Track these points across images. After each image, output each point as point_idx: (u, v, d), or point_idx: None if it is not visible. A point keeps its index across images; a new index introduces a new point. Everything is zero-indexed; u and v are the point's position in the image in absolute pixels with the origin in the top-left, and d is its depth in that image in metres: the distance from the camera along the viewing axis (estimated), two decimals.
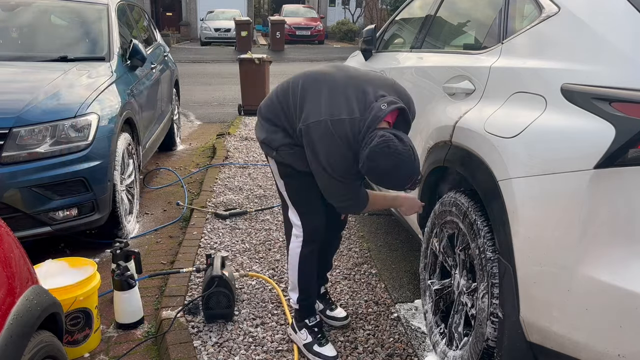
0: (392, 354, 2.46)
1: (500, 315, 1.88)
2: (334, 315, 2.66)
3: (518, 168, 1.80)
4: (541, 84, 1.85)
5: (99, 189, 3.20)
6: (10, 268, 1.48)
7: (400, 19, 3.82)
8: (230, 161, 5.50)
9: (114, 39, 4.18)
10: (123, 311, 2.66)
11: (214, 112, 8.84)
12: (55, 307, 1.68)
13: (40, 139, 3.01)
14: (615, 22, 1.72)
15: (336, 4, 29.74)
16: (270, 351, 2.46)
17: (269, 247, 3.55)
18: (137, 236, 3.79)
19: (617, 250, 1.55)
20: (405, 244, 3.63)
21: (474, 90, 2.25)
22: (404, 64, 3.23)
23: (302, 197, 2.30)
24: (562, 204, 1.65)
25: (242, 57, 8.19)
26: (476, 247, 2.02)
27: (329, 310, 2.67)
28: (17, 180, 2.91)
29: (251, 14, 28.47)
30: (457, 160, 2.21)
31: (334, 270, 3.22)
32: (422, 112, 2.71)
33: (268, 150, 2.27)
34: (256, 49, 19.81)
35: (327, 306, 2.68)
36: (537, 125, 1.77)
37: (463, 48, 2.76)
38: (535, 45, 2.00)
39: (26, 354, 1.44)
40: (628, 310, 1.50)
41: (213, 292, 2.61)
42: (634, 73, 1.58)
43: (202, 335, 2.55)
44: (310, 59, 17.93)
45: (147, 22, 5.98)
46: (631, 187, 1.51)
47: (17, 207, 2.94)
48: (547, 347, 1.74)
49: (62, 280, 2.42)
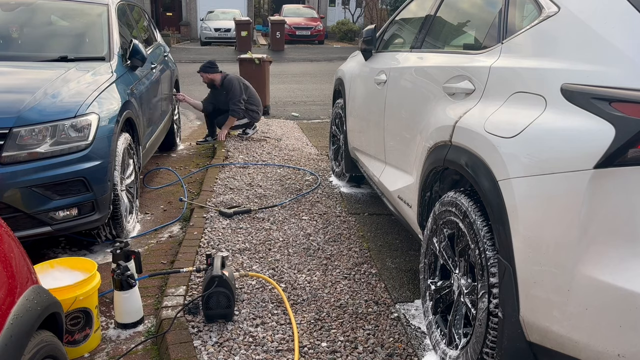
0: (392, 353, 2.46)
1: (500, 315, 1.88)
2: None
3: (518, 168, 1.80)
4: (541, 83, 1.85)
5: (99, 189, 3.20)
6: (10, 268, 1.48)
7: (400, 19, 3.82)
8: (230, 161, 5.50)
9: (114, 39, 4.18)
10: (123, 311, 2.66)
11: None
12: (56, 306, 1.68)
13: (40, 139, 3.01)
14: (615, 22, 1.72)
15: (336, 4, 29.74)
16: (270, 351, 2.46)
17: (269, 247, 3.55)
18: (137, 236, 3.79)
19: (617, 250, 1.55)
20: (405, 244, 3.63)
21: (474, 90, 2.25)
22: (404, 64, 3.23)
23: None
24: (562, 203, 1.65)
25: (242, 57, 8.19)
26: (476, 247, 2.02)
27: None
28: (17, 180, 2.91)
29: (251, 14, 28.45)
30: (457, 160, 2.21)
31: (334, 270, 3.23)
32: (422, 112, 2.71)
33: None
34: (256, 49, 19.81)
35: None
36: (537, 125, 1.77)
37: (463, 48, 2.76)
38: (535, 45, 2.00)
39: (26, 353, 1.44)
40: (628, 310, 1.50)
41: (213, 292, 2.61)
42: (634, 73, 1.58)
43: (202, 335, 2.55)
44: (310, 59, 17.93)
45: (147, 22, 5.98)
46: (631, 187, 1.51)
47: (17, 207, 2.93)
48: (547, 347, 1.74)
49: (62, 280, 2.42)
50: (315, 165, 5.50)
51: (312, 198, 4.50)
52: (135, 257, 2.74)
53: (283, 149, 6.07)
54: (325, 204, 4.37)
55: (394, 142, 3.23)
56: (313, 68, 15.56)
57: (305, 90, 11.36)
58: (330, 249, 3.53)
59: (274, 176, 5.06)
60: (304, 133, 7.08)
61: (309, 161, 5.64)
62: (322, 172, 5.23)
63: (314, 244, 3.61)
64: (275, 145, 6.26)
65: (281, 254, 3.44)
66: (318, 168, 5.38)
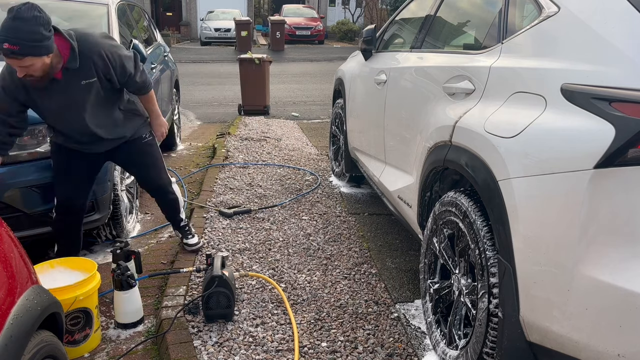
0: (392, 353, 2.46)
1: (500, 315, 1.88)
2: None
3: (518, 168, 1.80)
4: (541, 83, 1.85)
5: (99, 189, 3.20)
6: (10, 268, 1.48)
7: (400, 19, 3.82)
8: (230, 161, 5.50)
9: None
10: (123, 311, 2.66)
11: (214, 112, 8.85)
12: (56, 306, 1.68)
13: (40, 139, 3.01)
14: (615, 22, 1.72)
15: (336, 4, 29.75)
16: (270, 351, 2.46)
17: (269, 247, 3.55)
18: (137, 236, 3.79)
19: (617, 250, 1.55)
20: (405, 244, 3.63)
21: (474, 90, 2.25)
22: (404, 64, 3.23)
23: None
24: (562, 203, 1.65)
25: (242, 57, 8.19)
26: (476, 247, 2.02)
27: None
28: (17, 180, 2.91)
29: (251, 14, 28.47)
30: (457, 160, 2.21)
31: (334, 270, 3.23)
32: (422, 112, 2.71)
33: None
34: (256, 49, 19.81)
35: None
36: (537, 125, 1.77)
37: (463, 48, 2.76)
38: (535, 45, 2.00)
39: (26, 353, 1.44)
40: (628, 310, 1.50)
41: (213, 292, 2.61)
42: (634, 73, 1.58)
43: (202, 335, 2.55)
44: (310, 59, 17.93)
45: (147, 22, 5.98)
46: (631, 187, 1.51)
47: (17, 206, 2.93)
48: (547, 347, 1.74)
49: (62, 280, 2.42)
50: (315, 165, 5.50)
51: (312, 198, 4.50)
52: (135, 257, 2.75)
53: (283, 149, 6.07)
54: (325, 204, 4.38)
55: (394, 142, 3.23)
56: (313, 68, 15.57)
57: (305, 90, 11.36)
58: (330, 249, 3.53)
59: (274, 176, 5.06)
60: (304, 133, 7.08)
61: (309, 161, 5.64)
62: (322, 172, 5.23)
63: (314, 244, 3.61)
64: (275, 145, 6.26)
65: (281, 254, 3.44)
66: (318, 168, 5.38)
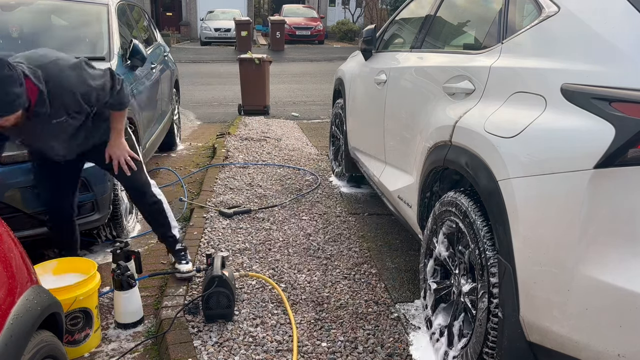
0: (392, 353, 2.46)
1: (500, 315, 1.88)
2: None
3: (518, 168, 1.80)
4: (541, 83, 1.85)
5: (99, 189, 3.20)
6: (10, 268, 1.48)
7: (400, 19, 3.82)
8: (230, 161, 5.50)
9: (114, 39, 4.17)
10: (123, 311, 2.66)
11: (214, 112, 8.85)
12: (56, 306, 1.68)
13: None
14: (615, 22, 1.72)
15: (336, 4, 29.74)
16: (270, 351, 2.46)
17: (269, 247, 3.55)
18: (137, 236, 3.79)
19: (617, 250, 1.55)
20: (405, 244, 3.63)
21: (474, 90, 2.25)
22: (404, 64, 3.23)
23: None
24: (562, 203, 1.65)
25: (242, 57, 8.19)
26: (476, 247, 2.02)
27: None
28: (17, 180, 2.91)
29: (251, 14, 28.46)
30: (456, 160, 2.21)
31: (334, 270, 3.23)
32: (422, 112, 2.71)
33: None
34: (256, 49, 19.80)
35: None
36: (537, 125, 1.77)
37: (463, 48, 2.76)
38: (535, 45, 2.00)
39: (26, 353, 1.44)
40: (628, 310, 1.50)
41: (213, 292, 2.61)
42: (634, 73, 1.58)
43: (202, 335, 2.55)
44: (310, 59, 17.93)
45: (147, 22, 5.97)
46: (631, 187, 1.51)
47: (17, 207, 2.93)
48: (547, 347, 1.74)
49: (62, 280, 2.42)
50: (315, 165, 5.50)
51: (312, 198, 4.50)
52: (135, 257, 2.75)
53: (283, 149, 6.07)
54: (325, 204, 4.37)
55: (394, 142, 3.23)
56: (313, 68, 15.56)
57: (305, 90, 11.36)
58: (330, 249, 3.53)
59: (274, 176, 5.06)
60: (304, 133, 7.08)
61: (309, 161, 5.64)
62: (322, 172, 5.23)
63: (314, 244, 3.61)
64: (275, 145, 6.26)
65: (281, 254, 3.44)
66: (318, 168, 5.38)
